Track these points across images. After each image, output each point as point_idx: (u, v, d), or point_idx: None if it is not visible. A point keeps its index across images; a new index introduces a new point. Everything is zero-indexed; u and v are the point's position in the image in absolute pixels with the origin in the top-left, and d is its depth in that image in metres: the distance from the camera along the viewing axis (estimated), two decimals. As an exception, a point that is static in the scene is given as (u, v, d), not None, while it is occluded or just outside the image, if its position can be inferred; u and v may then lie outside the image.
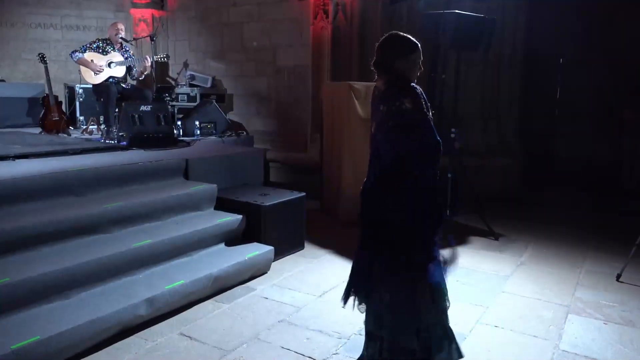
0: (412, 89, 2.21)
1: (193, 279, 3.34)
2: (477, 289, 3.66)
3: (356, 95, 5.06)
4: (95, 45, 5.90)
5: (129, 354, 2.74)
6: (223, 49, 7.89)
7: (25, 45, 7.94)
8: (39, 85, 7.20)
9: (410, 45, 2.29)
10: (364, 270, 2.36)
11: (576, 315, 3.25)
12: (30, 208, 3.36)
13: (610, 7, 6.02)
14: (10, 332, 2.55)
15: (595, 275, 3.94)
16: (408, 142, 2.18)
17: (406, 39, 2.31)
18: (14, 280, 2.72)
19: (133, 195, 3.87)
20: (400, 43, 2.31)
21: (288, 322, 3.15)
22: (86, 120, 6.86)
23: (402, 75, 2.25)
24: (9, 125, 6.71)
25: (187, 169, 4.49)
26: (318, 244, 4.58)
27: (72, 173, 3.75)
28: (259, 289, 3.66)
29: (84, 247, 3.25)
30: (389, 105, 2.21)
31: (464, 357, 2.43)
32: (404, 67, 2.26)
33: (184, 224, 3.83)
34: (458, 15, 4.69)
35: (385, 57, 2.29)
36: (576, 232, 5.01)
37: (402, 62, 2.26)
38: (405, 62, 2.26)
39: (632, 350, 2.84)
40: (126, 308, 2.92)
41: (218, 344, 2.85)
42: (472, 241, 4.79)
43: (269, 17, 7.34)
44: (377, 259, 2.30)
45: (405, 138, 2.18)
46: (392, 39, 2.32)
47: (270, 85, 7.48)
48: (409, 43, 2.30)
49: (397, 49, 2.29)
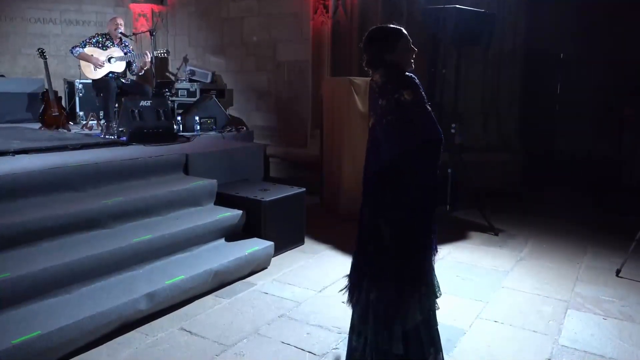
0: (410, 79, 2.15)
1: (193, 274, 3.34)
2: (476, 284, 3.67)
3: (356, 91, 5.06)
4: (95, 40, 5.88)
5: (130, 349, 2.75)
6: (223, 44, 7.88)
7: (24, 40, 7.92)
8: (39, 81, 7.19)
9: (393, 34, 2.22)
10: (358, 265, 2.33)
11: (576, 311, 3.26)
12: (30, 203, 3.36)
13: (610, 6, 6.01)
14: (11, 327, 2.55)
15: (594, 270, 3.95)
16: (408, 137, 2.13)
17: (388, 29, 2.24)
18: (14, 276, 2.73)
19: (133, 191, 3.87)
20: (383, 36, 2.24)
21: (288, 317, 3.15)
22: (86, 115, 6.85)
23: (397, 65, 2.20)
24: (8, 121, 6.70)
25: (187, 165, 4.49)
26: (318, 239, 4.59)
27: (72, 168, 3.75)
28: (259, 284, 3.66)
29: (84, 242, 3.25)
30: (387, 98, 2.15)
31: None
32: (395, 58, 2.20)
33: (184, 219, 3.83)
34: (458, 10, 4.68)
35: (373, 54, 2.23)
36: (576, 228, 5.01)
37: (391, 54, 2.19)
38: (394, 52, 2.19)
39: (631, 345, 2.84)
40: (126, 303, 2.92)
41: (218, 339, 2.86)
42: (472, 236, 4.79)
43: (268, 12, 7.32)
44: (372, 254, 2.26)
45: (405, 134, 2.13)
46: (374, 34, 2.25)
47: (270, 81, 7.47)
48: (393, 32, 2.23)
49: (382, 43, 2.22)
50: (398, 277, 2.20)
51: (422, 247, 2.24)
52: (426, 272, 2.26)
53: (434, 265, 2.30)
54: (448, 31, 4.69)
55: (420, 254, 2.23)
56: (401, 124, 2.14)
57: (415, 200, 2.18)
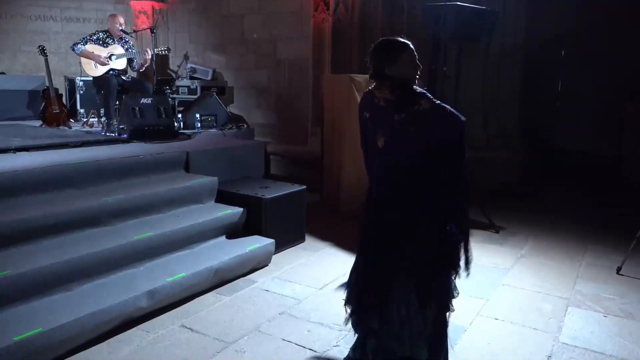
0: (421, 93, 2.19)
1: (194, 272, 3.35)
2: (477, 282, 3.66)
3: (357, 88, 5.05)
4: (96, 37, 5.87)
5: (131, 346, 2.75)
6: (223, 42, 7.87)
7: (24, 37, 7.92)
8: (39, 78, 7.19)
9: (397, 47, 2.21)
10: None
11: (576, 308, 3.26)
12: (30, 201, 3.36)
13: (610, 6, 6.00)
14: (12, 324, 2.56)
15: (595, 268, 3.95)
16: (450, 131, 2.19)
17: (392, 41, 2.24)
18: (15, 273, 2.73)
19: (134, 188, 3.88)
20: (386, 48, 2.23)
21: (289, 315, 3.16)
22: (87, 113, 6.85)
23: (403, 79, 2.20)
24: (9, 118, 6.70)
25: (187, 162, 4.49)
26: (318, 236, 4.59)
27: (73, 166, 3.75)
28: (259, 281, 3.67)
29: (85, 239, 3.25)
30: (407, 110, 2.17)
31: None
32: (397, 72, 2.19)
33: (184, 217, 3.84)
34: (459, 7, 4.66)
35: (377, 66, 2.22)
36: (576, 226, 5.01)
37: (392, 67, 2.18)
38: (395, 65, 2.18)
39: (631, 342, 2.85)
40: (127, 300, 2.92)
41: (219, 336, 2.87)
42: (473, 234, 4.74)
43: (269, 9, 7.31)
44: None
45: (445, 128, 2.19)
46: (378, 44, 2.26)
47: (271, 78, 7.46)
48: (397, 45, 2.22)
49: (384, 54, 2.21)
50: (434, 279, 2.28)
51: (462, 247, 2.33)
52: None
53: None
54: (448, 28, 4.68)
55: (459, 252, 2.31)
56: (438, 122, 2.19)
57: (458, 193, 2.26)
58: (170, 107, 5.90)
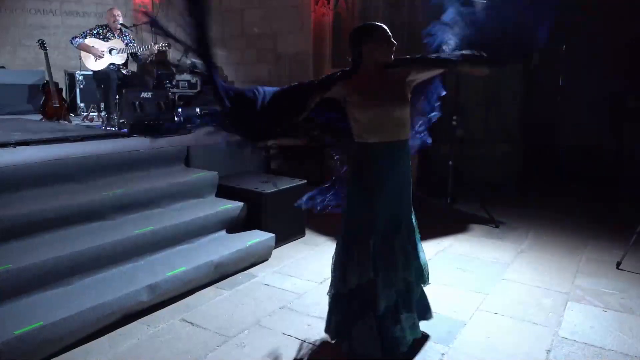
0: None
1: (194, 266, 3.35)
2: (477, 276, 3.68)
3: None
4: (96, 32, 5.86)
5: (132, 340, 2.76)
6: (223, 36, 7.84)
7: (24, 31, 7.91)
8: (39, 72, 7.18)
9: (368, 28, 2.42)
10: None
11: (576, 303, 3.27)
12: (31, 195, 3.36)
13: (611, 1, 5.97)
14: (13, 318, 2.57)
15: (595, 263, 3.95)
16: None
17: (364, 24, 2.48)
18: (15, 267, 2.74)
19: (134, 183, 3.88)
20: (358, 30, 2.44)
21: (289, 309, 3.16)
22: (87, 107, 6.85)
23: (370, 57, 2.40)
24: (9, 112, 6.70)
25: (188, 156, 4.49)
26: (319, 231, 4.59)
27: (73, 160, 3.75)
28: (260, 275, 3.67)
29: (86, 234, 3.26)
30: (398, 61, 2.42)
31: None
32: (367, 50, 2.37)
33: (185, 211, 3.84)
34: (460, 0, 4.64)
35: (350, 48, 2.43)
36: (576, 221, 5.01)
37: (363, 46, 2.37)
38: (366, 45, 2.36)
39: (631, 337, 2.85)
40: (128, 294, 2.93)
41: (219, 330, 2.87)
42: (473, 229, 4.79)
43: (269, 3, 7.29)
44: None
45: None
46: (353, 30, 2.47)
47: (271, 72, 7.44)
48: (367, 26, 2.44)
49: (356, 36, 2.41)
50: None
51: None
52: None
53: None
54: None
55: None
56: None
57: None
58: (171, 101, 5.90)
